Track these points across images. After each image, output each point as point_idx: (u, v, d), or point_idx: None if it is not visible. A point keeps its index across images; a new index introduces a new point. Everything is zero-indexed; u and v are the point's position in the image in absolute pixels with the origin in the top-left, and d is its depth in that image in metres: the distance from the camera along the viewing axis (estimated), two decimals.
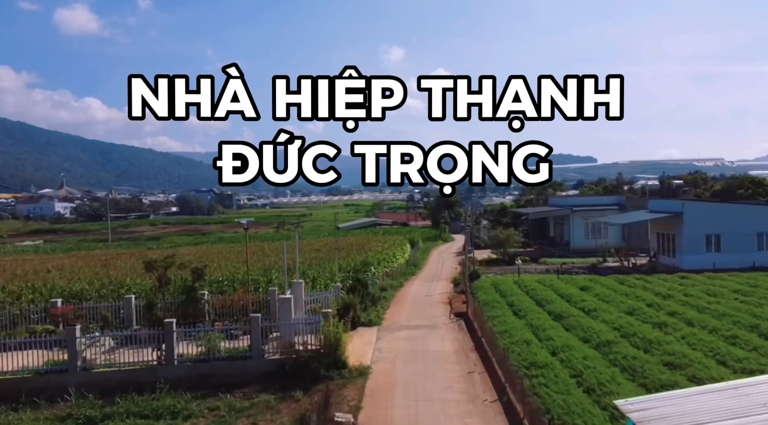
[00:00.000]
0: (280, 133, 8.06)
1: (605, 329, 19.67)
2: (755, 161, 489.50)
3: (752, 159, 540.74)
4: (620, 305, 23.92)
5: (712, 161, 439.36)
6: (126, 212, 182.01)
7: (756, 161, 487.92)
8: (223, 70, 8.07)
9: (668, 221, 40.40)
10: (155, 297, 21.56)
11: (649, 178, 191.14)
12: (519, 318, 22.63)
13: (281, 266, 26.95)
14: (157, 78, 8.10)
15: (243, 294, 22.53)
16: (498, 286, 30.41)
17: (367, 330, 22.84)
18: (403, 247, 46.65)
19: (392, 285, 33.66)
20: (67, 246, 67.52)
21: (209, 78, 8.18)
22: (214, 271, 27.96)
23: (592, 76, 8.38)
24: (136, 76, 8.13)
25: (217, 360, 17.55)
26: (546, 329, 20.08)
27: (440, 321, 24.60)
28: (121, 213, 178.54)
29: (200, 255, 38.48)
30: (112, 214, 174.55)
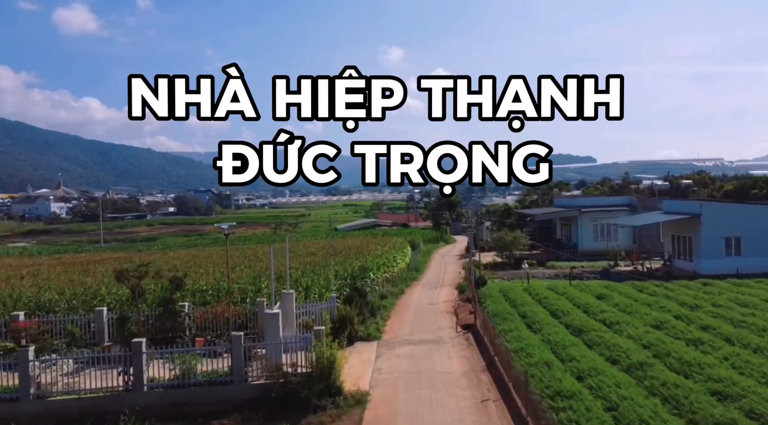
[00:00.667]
0: (280, 133, 8.07)
1: (633, 347, 17.42)
2: (755, 161, 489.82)
3: (752, 159, 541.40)
4: (645, 317, 21.68)
5: (711, 161, 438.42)
6: (123, 212, 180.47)
7: (756, 161, 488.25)
8: (223, 70, 8.07)
9: (684, 223, 38.15)
10: (129, 309, 19.32)
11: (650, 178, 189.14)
12: (534, 332, 20.40)
13: (275, 271, 24.72)
14: (157, 78, 8.08)
15: (226, 307, 20.32)
16: (507, 294, 28.17)
17: (365, 346, 20.58)
18: (403, 250, 44.41)
19: (393, 292, 31.42)
20: (55, 249, 65.17)
21: (209, 78, 8.15)
22: (199, 278, 25.74)
23: (592, 76, 8.34)
24: (136, 76, 8.08)
25: (193, 385, 15.30)
26: (566, 346, 17.83)
27: (446, 335, 22.35)
28: (118, 214, 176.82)
29: (189, 259, 36.23)
30: (108, 215, 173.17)
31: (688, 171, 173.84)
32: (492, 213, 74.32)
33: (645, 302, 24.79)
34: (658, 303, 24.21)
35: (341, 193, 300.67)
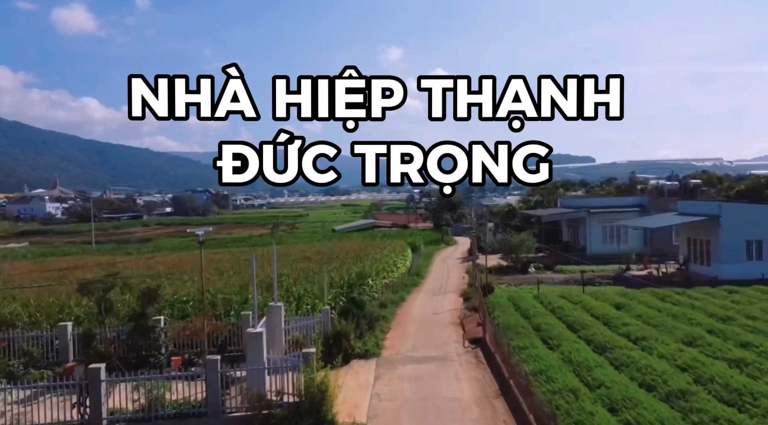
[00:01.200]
0: (280, 133, 8.02)
1: (668, 369, 15.23)
2: (753, 161, 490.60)
3: (750, 159, 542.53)
4: (673, 331, 19.50)
5: (710, 161, 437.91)
6: (119, 213, 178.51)
7: (754, 161, 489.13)
8: (223, 70, 8.02)
9: (702, 225, 35.97)
10: (94, 325, 17.14)
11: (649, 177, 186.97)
12: (551, 349, 18.21)
13: (264, 279, 22.57)
14: (157, 78, 8.01)
15: (209, 321, 18.15)
16: (516, 302, 25.99)
17: (363, 366, 18.37)
18: (404, 253, 42.21)
19: (393, 300, 29.22)
20: (40, 251, 62.87)
21: (209, 78, 8.11)
22: (182, 286, 23.57)
23: (592, 76, 8.29)
24: (136, 76, 8.01)
25: (161, 418, 13.12)
26: (591, 368, 15.65)
27: (452, 351, 20.16)
28: (115, 214, 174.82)
29: (175, 264, 34.02)
30: (104, 215, 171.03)
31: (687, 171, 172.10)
32: (495, 214, 72.05)
33: (669, 313, 22.62)
34: (685, 315, 22.01)
35: (340, 193, 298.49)
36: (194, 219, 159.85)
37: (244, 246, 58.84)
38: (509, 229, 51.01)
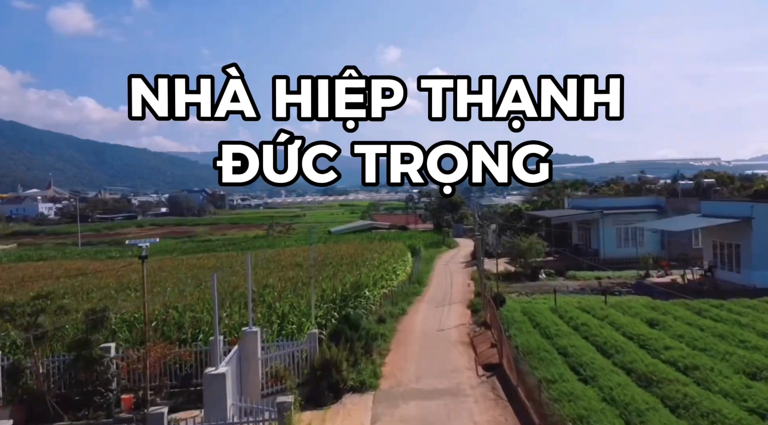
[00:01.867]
0: (280, 132, 8.01)
1: (740, 414, 12.09)
2: (751, 161, 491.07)
3: (748, 159, 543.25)
4: (728, 358, 16.35)
5: (708, 161, 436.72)
6: (114, 213, 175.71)
7: (752, 161, 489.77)
8: (223, 70, 8.00)
9: (731, 228, 32.86)
10: (24, 357, 13.94)
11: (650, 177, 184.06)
12: (584, 381, 15.05)
13: (244, 292, 19.41)
14: (157, 78, 8.01)
15: (170, 348, 15.01)
16: (533, 317, 22.86)
17: (357, 403, 15.13)
18: (403, 258, 38.94)
19: (392, 312, 26.05)
20: (17, 255, 59.56)
21: (209, 78, 8.09)
22: (150, 301, 20.35)
23: (592, 76, 8.28)
24: (136, 76, 7.98)
25: None
26: (642, 411, 12.48)
27: (464, 381, 16.95)
28: (109, 214, 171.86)
29: (152, 272, 30.75)
30: (98, 215, 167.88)
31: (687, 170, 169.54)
32: (499, 215, 68.82)
33: (715, 332, 19.45)
34: (734, 335, 18.85)
35: (338, 193, 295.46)
36: (189, 220, 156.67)
37: (234, 249, 55.65)
38: (517, 231, 47.77)
